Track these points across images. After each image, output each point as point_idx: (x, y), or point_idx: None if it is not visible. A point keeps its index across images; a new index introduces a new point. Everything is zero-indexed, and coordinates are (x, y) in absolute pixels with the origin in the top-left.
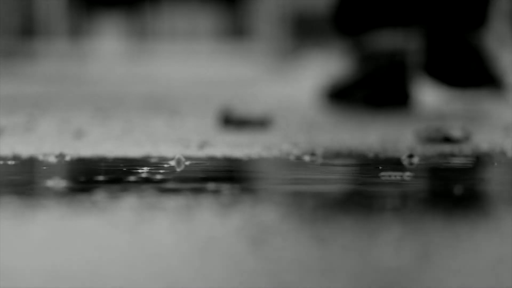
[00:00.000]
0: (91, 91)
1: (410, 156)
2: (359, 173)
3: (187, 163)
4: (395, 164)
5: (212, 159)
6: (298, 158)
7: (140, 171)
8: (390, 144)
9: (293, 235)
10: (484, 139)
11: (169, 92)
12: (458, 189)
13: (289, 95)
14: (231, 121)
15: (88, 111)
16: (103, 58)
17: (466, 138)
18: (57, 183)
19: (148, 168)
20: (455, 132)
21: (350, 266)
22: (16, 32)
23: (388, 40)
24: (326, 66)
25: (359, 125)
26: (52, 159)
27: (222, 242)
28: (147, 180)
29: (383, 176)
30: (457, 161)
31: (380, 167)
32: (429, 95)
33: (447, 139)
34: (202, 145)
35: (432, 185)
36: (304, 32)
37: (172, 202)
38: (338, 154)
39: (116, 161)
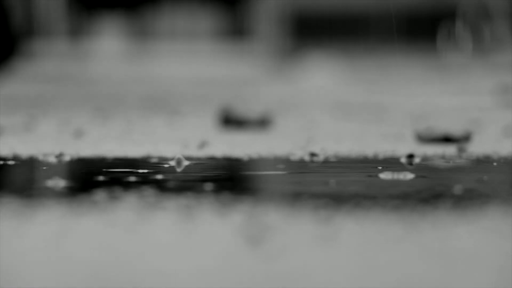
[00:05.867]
0: (91, 91)
1: (410, 156)
2: (359, 173)
3: (187, 163)
4: (395, 164)
5: (212, 159)
6: (298, 158)
7: (140, 171)
8: (389, 144)
9: (293, 235)
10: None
11: (169, 92)
12: (458, 189)
13: (289, 94)
14: (231, 121)
15: (88, 111)
16: (103, 58)
17: (466, 138)
18: (57, 183)
19: (148, 168)
20: (455, 131)
21: (351, 266)
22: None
23: None
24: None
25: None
26: (52, 159)
27: (222, 242)
28: (147, 180)
29: (383, 176)
30: (457, 161)
31: (380, 167)
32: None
33: (447, 139)
34: (202, 145)
35: (432, 185)
36: (303, 32)
37: (172, 202)
38: (338, 154)
39: (116, 161)
